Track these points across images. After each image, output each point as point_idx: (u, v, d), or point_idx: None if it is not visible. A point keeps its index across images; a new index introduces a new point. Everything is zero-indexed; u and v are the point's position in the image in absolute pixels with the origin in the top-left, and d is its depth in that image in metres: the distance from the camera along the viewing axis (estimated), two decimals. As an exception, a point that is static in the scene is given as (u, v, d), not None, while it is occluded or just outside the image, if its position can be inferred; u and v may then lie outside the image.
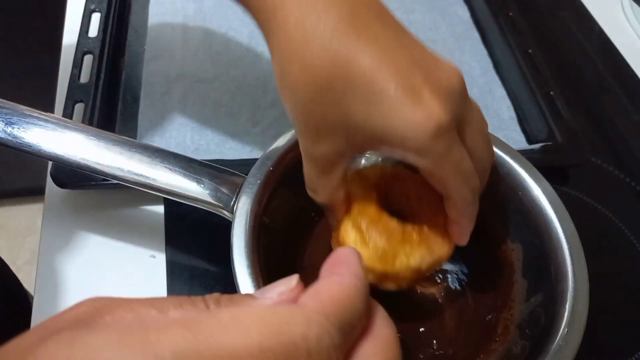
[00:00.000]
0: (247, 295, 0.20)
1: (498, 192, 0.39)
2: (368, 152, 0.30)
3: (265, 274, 0.33)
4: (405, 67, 0.26)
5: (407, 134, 0.25)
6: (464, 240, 0.32)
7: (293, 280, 0.20)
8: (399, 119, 0.25)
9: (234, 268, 0.32)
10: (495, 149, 0.37)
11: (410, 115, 0.25)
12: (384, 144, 0.27)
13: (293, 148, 0.37)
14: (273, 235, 0.37)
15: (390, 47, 0.26)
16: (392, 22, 0.28)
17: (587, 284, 0.34)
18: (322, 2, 0.26)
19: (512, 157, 0.38)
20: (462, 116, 0.27)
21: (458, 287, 0.40)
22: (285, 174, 0.37)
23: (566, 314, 0.32)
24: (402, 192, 0.36)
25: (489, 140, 0.30)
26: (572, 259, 0.35)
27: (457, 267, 0.41)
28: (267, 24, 0.28)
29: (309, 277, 0.39)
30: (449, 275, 0.41)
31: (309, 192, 0.32)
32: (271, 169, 0.36)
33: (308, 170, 0.31)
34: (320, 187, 0.31)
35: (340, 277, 0.20)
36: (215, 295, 0.19)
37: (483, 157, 0.29)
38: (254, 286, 0.31)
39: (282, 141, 0.37)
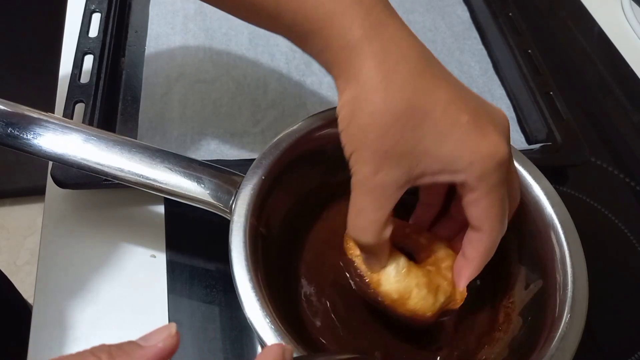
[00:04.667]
0: (134, 343, 0.22)
1: None
2: (422, 183, 0.31)
3: (265, 282, 0.33)
4: (473, 105, 0.30)
5: (474, 160, 0.29)
6: (464, 281, 0.33)
7: (172, 328, 0.23)
8: (469, 147, 0.29)
9: (234, 279, 0.32)
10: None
11: (479, 144, 0.29)
12: (445, 171, 0.29)
13: (288, 149, 0.38)
14: (270, 244, 0.37)
15: (458, 88, 0.30)
16: (449, 72, 0.31)
17: (585, 268, 0.34)
18: (396, 53, 0.29)
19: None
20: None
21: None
22: (281, 177, 0.37)
23: (568, 300, 0.33)
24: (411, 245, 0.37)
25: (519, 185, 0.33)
26: (568, 244, 0.35)
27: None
28: (340, 71, 0.30)
29: (305, 286, 0.39)
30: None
31: (356, 234, 0.32)
32: (263, 178, 0.36)
33: (362, 203, 0.31)
34: (371, 224, 0.31)
35: None
36: (105, 347, 0.21)
37: (514, 198, 0.32)
38: (256, 292, 0.31)
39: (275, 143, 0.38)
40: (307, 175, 0.40)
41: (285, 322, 0.31)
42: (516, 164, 0.38)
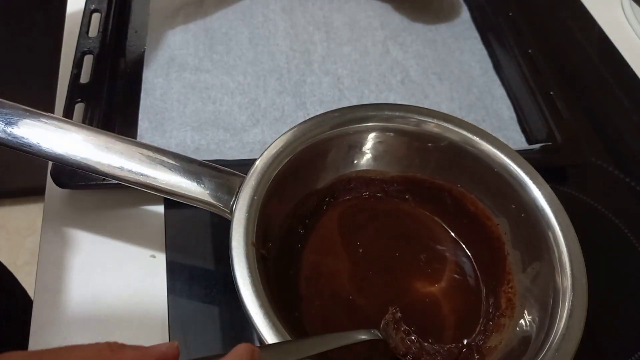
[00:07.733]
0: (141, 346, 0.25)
1: (475, 171, 0.40)
2: None
3: (269, 293, 0.33)
4: None
5: None
6: None
7: (175, 343, 0.26)
8: None
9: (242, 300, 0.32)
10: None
11: None
12: None
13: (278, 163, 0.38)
14: (269, 263, 0.37)
15: None
16: None
17: (579, 247, 0.35)
18: None
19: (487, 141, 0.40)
20: None
21: (453, 272, 0.41)
22: (278, 182, 0.37)
23: (568, 279, 0.33)
24: None
25: None
26: (560, 225, 0.36)
27: (449, 252, 0.42)
28: None
29: (307, 307, 0.38)
30: (444, 265, 0.41)
31: None
32: (256, 196, 0.36)
33: None
34: None
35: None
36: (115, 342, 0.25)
37: None
38: (259, 303, 0.31)
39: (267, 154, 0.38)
40: (303, 181, 0.40)
41: (291, 334, 0.31)
42: (514, 165, 0.39)
